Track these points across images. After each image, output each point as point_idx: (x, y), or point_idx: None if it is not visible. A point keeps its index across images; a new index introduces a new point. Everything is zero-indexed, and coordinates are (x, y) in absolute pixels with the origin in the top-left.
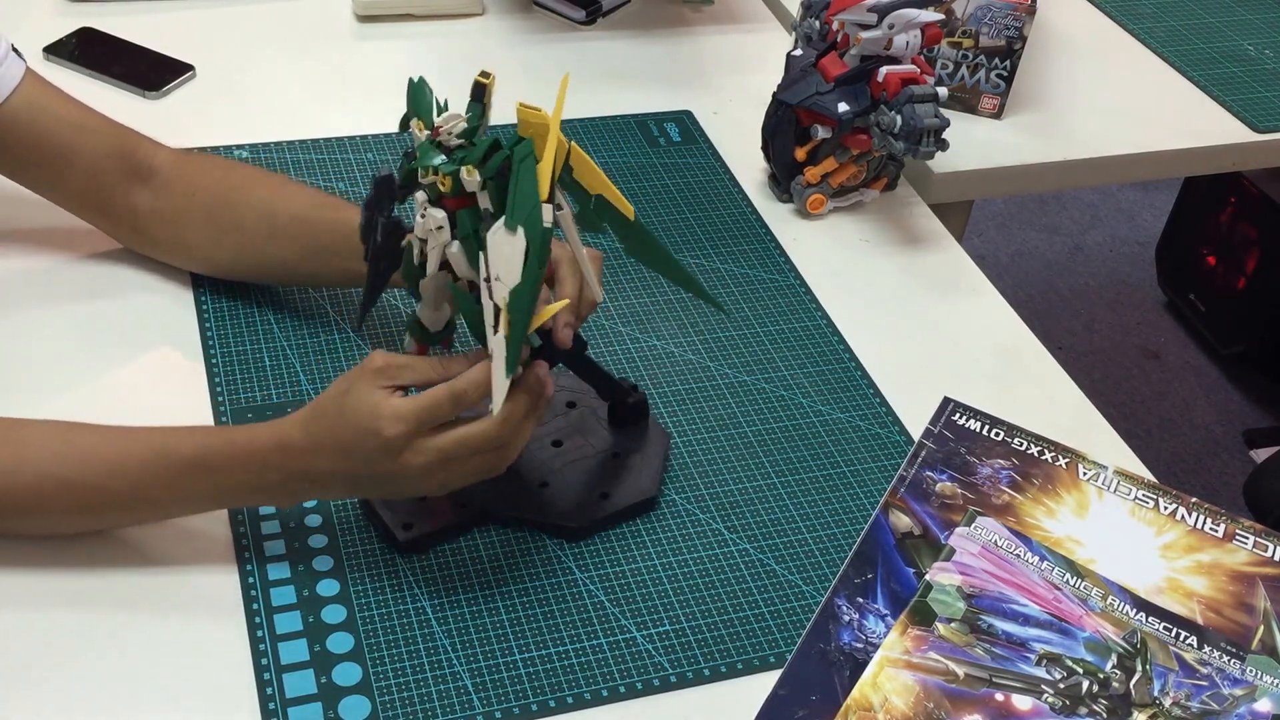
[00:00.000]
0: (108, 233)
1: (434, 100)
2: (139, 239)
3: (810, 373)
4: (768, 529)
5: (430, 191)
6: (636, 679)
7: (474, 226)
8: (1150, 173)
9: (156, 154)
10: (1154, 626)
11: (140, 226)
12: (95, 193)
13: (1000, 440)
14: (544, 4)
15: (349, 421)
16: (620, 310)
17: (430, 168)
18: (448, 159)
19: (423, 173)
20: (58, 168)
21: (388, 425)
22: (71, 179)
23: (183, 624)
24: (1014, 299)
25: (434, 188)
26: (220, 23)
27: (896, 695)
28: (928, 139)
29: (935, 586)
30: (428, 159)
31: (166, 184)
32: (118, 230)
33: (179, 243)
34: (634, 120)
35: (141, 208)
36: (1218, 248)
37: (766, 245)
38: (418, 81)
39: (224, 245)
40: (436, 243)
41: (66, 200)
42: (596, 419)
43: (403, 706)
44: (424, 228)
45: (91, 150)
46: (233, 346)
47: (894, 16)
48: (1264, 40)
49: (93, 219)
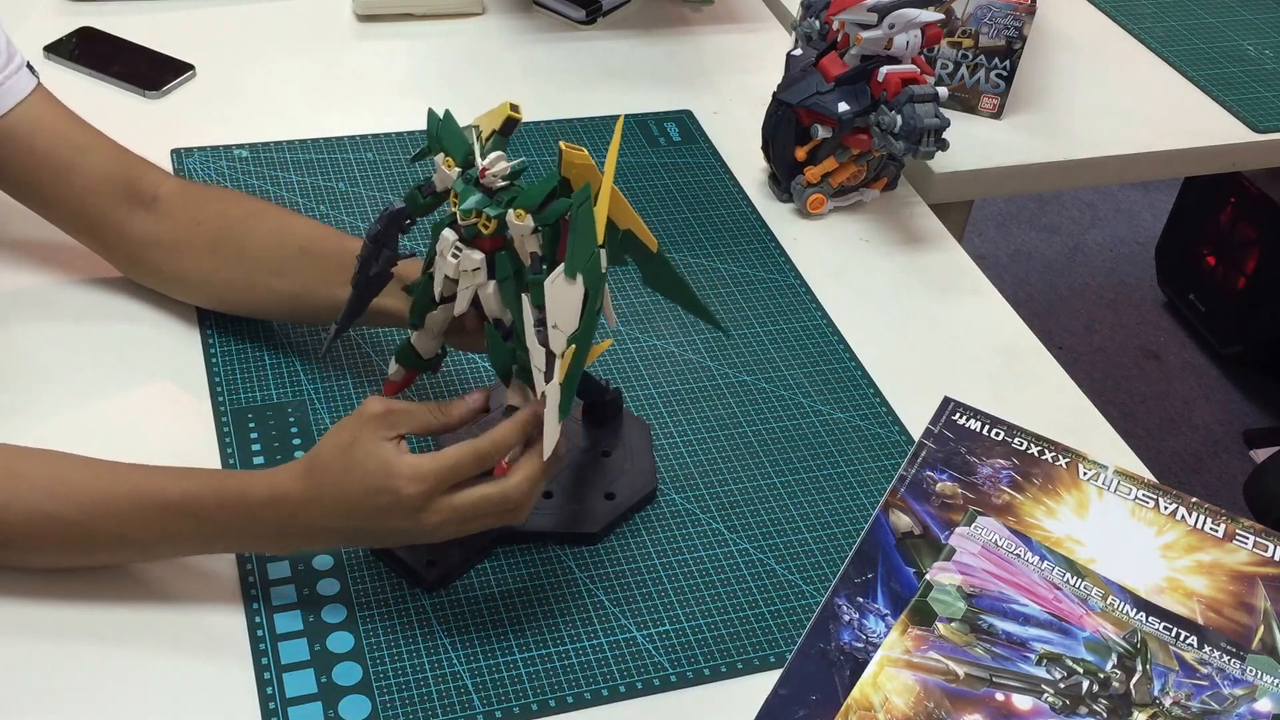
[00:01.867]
0: (105, 259)
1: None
2: (137, 268)
3: (810, 373)
4: (768, 529)
5: (468, 231)
6: (636, 679)
7: (513, 269)
8: (1150, 173)
9: (162, 183)
10: (1154, 626)
11: (138, 255)
12: (91, 215)
13: (1000, 440)
14: (544, 4)
15: (357, 479)
16: (620, 310)
17: (474, 210)
18: (488, 199)
19: (463, 215)
20: (53, 187)
21: (405, 485)
22: (67, 199)
23: (183, 624)
24: (1014, 299)
25: (471, 229)
26: (220, 23)
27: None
28: (928, 139)
29: (935, 586)
30: (469, 200)
31: (170, 213)
32: (115, 257)
33: (178, 272)
34: (634, 120)
35: (140, 235)
36: (1218, 248)
37: (766, 245)
38: (445, 115)
39: (225, 276)
40: (470, 283)
41: (63, 222)
42: (573, 420)
43: (403, 706)
44: (457, 268)
45: (89, 172)
46: (233, 346)
47: (894, 16)
48: (1264, 40)
49: (90, 243)
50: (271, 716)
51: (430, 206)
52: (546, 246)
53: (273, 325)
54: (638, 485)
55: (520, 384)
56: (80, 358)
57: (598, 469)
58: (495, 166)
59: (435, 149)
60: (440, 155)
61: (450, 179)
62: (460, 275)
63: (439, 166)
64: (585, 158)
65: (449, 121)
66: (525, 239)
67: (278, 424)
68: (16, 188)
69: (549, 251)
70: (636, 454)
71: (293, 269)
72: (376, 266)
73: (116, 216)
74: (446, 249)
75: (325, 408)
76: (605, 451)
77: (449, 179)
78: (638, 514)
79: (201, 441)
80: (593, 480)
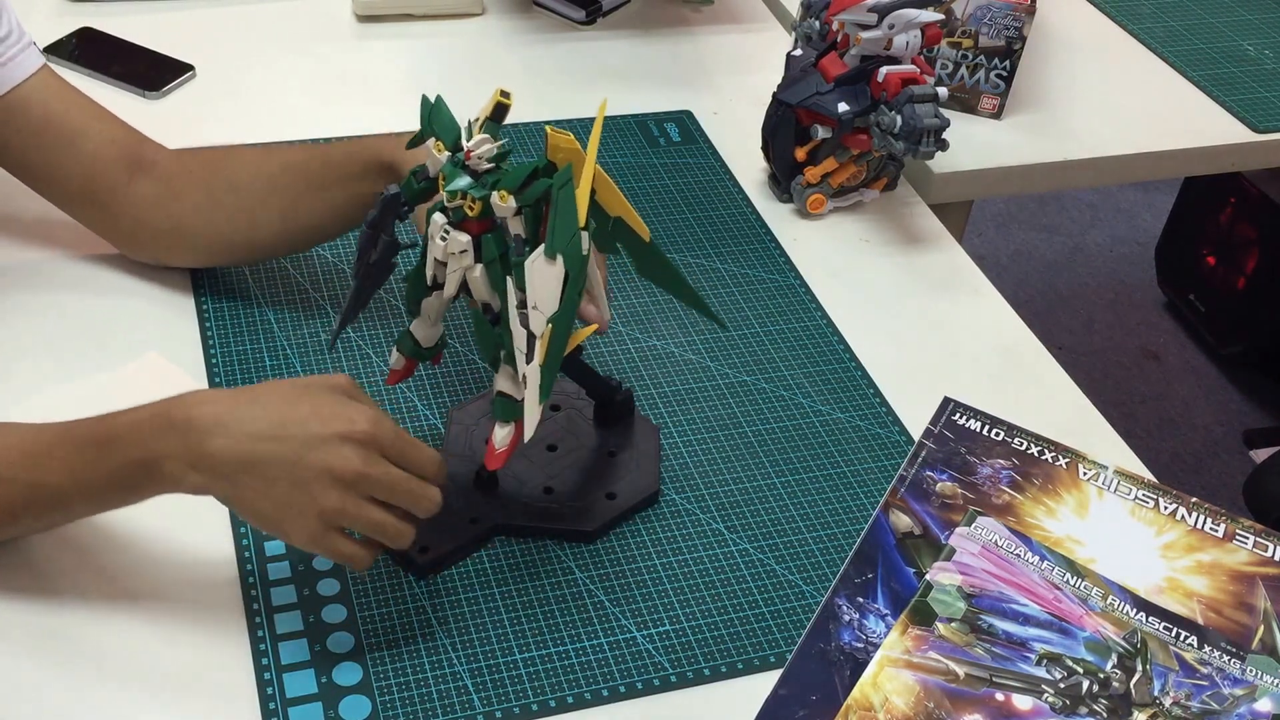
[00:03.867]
0: (105, 232)
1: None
2: (139, 235)
3: (810, 373)
4: (768, 529)
5: (455, 214)
6: (636, 679)
7: (499, 251)
8: (1150, 173)
9: (159, 150)
10: (1154, 626)
11: (140, 219)
12: (98, 184)
13: (1000, 440)
14: (544, 4)
15: (307, 400)
16: (620, 310)
17: (459, 192)
18: (474, 182)
19: (449, 196)
20: (63, 154)
21: (359, 418)
22: (77, 168)
23: (183, 624)
24: (1014, 299)
25: (459, 211)
26: (220, 23)
27: (897, 695)
28: (928, 139)
29: (935, 586)
30: (455, 182)
31: (166, 173)
32: (117, 227)
33: (178, 224)
34: (634, 120)
35: (142, 199)
36: (1217, 248)
37: (766, 245)
38: (435, 100)
39: (221, 214)
40: (458, 266)
41: (67, 194)
42: (584, 419)
43: (403, 706)
44: (445, 250)
45: (97, 136)
46: (233, 346)
47: (894, 16)
48: (1264, 40)
49: (93, 215)
50: (271, 716)
51: (425, 192)
52: (529, 228)
53: (273, 324)
54: (640, 487)
55: (509, 369)
56: (78, 358)
57: (602, 468)
58: (480, 149)
59: (427, 134)
60: (431, 140)
61: (440, 163)
62: (448, 258)
63: (430, 151)
64: (571, 141)
65: (439, 106)
66: (510, 221)
67: None
68: (24, 160)
69: (531, 233)
70: (643, 456)
71: (280, 185)
72: (375, 254)
73: (121, 183)
74: (436, 232)
75: None
76: (611, 451)
77: (440, 163)
78: (638, 515)
79: None
80: (596, 478)
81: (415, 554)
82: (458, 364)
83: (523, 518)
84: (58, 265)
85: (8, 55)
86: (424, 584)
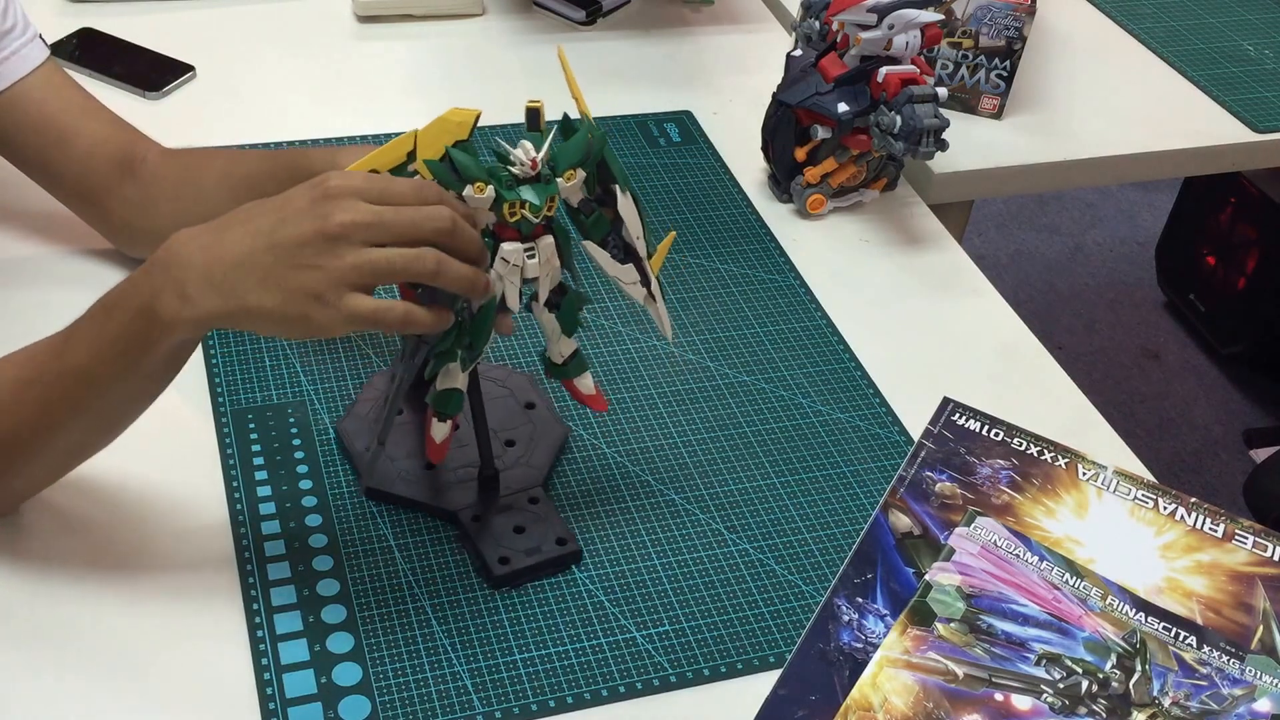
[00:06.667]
0: (99, 227)
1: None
2: (126, 235)
3: (810, 373)
4: (768, 529)
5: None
6: (636, 679)
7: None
8: (1150, 173)
9: (150, 149)
10: (1153, 626)
11: (127, 220)
12: (91, 181)
13: (1000, 440)
14: (544, 4)
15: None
16: (620, 310)
17: (549, 197)
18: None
19: (533, 210)
20: (59, 151)
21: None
22: (71, 164)
23: (183, 624)
24: (1014, 299)
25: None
26: (220, 23)
27: (896, 695)
28: (927, 139)
29: (935, 586)
30: (531, 194)
31: (148, 176)
32: (110, 225)
33: (152, 229)
34: (634, 120)
35: (128, 199)
36: (1218, 248)
37: (766, 245)
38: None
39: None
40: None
41: (64, 189)
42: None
43: (403, 706)
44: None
45: (92, 134)
46: (233, 346)
47: (894, 17)
48: (1264, 40)
49: (88, 211)
50: (271, 717)
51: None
52: (590, 183)
53: None
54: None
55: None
56: None
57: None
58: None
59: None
60: (469, 186)
61: (488, 199)
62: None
63: (471, 196)
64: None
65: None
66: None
67: (278, 424)
68: (24, 152)
69: (591, 187)
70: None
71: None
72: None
73: (113, 183)
74: (518, 259)
75: (325, 408)
76: (510, 441)
77: (486, 199)
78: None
79: (201, 442)
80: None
81: (495, 565)
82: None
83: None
84: (56, 260)
85: (10, 49)
86: (424, 585)
